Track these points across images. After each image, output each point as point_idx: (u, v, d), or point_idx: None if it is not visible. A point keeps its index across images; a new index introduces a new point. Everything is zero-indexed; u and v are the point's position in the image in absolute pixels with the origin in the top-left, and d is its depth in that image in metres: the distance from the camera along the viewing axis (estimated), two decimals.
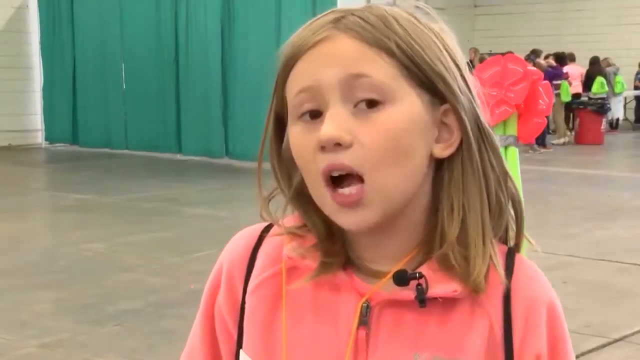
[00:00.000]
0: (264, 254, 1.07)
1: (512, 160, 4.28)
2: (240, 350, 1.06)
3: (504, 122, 4.25)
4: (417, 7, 1.01)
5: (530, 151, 14.37)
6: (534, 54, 16.62)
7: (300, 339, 1.02)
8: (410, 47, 0.96)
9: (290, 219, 1.06)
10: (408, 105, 0.95)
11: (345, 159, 0.94)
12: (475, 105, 1.00)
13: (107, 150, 14.57)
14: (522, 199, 1.10)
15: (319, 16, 1.00)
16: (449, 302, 0.99)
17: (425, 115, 0.97)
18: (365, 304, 1.00)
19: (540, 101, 4.27)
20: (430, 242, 1.00)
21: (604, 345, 4.73)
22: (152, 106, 14.09)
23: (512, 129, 4.27)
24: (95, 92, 14.88)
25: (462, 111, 0.98)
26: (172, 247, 7.01)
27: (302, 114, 0.97)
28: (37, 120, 15.76)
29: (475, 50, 18.37)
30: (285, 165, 1.04)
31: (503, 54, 5.22)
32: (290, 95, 0.98)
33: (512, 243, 1.05)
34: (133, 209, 8.98)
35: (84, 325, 5.00)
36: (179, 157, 13.74)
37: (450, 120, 0.99)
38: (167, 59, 13.90)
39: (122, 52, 14.60)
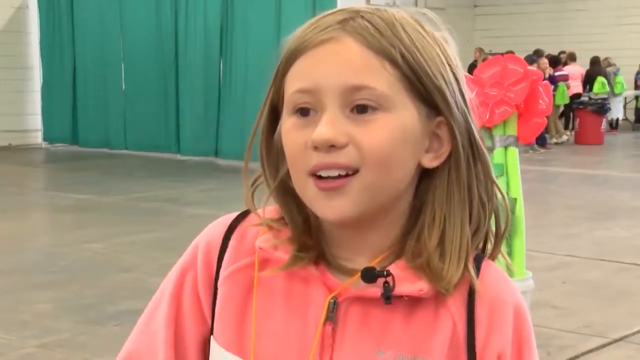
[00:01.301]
0: (235, 243, 1.07)
1: (512, 160, 4.28)
2: (211, 337, 1.06)
3: (504, 122, 4.25)
4: (423, 13, 1.02)
5: (530, 151, 14.36)
6: (536, 54, 16.59)
7: (270, 329, 1.03)
8: (415, 59, 0.97)
9: (269, 210, 1.06)
10: (404, 115, 0.97)
11: (340, 158, 0.95)
12: (470, 119, 1.01)
13: (106, 150, 14.56)
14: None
15: (327, 13, 1.00)
16: (414, 301, 1.00)
17: (419, 125, 0.98)
18: (333, 300, 1.01)
19: (540, 101, 4.27)
20: (404, 244, 1.01)
21: (604, 345, 4.72)
22: (152, 106, 14.08)
23: (512, 129, 4.27)
24: (95, 92, 14.87)
25: (455, 126, 0.99)
26: (172, 247, 7.00)
27: (297, 109, 0.98)
28: (36, 120, 15.75)
29: (480, 50, 18.37)
30: (275, 155, 1.05)
31: (503, 54, 5.22)
32: (288, 91, 0.99)
33: (488, 254, 1.06)
34: (133, 209, 8.98)
35: (84, 325, 5.00)
36: (178, 157, 13.73)
37: (443, 132, 1.00)
38: (167, 59, 13.90)
39: (122, 52, 14.60)
